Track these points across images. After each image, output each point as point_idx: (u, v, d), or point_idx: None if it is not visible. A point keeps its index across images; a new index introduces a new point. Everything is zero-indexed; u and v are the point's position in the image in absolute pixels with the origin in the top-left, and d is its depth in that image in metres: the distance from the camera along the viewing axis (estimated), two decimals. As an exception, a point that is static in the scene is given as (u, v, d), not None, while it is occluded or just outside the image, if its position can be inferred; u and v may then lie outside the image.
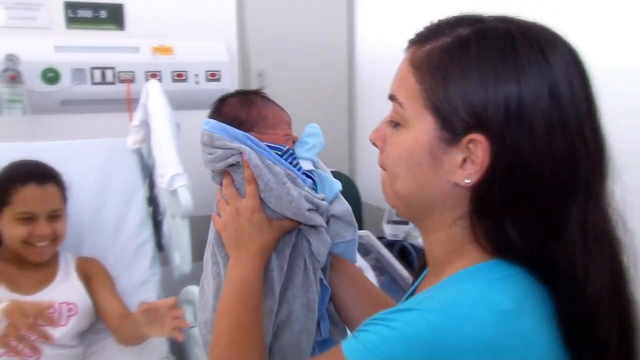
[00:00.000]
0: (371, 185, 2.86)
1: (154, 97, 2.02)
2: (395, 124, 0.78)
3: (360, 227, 2.60)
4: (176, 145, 1.94)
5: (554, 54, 0.70)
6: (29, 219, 1.67)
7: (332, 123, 3.03)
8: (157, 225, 2.12)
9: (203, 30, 2.65)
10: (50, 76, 2.36)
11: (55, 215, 1.71)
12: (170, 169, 1.85)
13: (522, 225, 0.69)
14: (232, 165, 0.98)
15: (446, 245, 0.77)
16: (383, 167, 0.81)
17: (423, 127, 0.73)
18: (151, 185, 2.17)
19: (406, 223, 2.56)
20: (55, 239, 1.72)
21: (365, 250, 2.14)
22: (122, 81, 2.48)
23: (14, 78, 2.23)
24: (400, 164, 0.77)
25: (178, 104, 2.06)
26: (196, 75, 2.59)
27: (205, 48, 2.64)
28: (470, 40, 0.71)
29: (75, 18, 2.44)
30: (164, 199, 2.01)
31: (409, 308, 0.68)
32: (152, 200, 2.15)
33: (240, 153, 0.96)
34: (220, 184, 1.01)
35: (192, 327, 1.82)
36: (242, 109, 1.05)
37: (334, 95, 3.06)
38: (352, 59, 3.07)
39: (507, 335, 0.64)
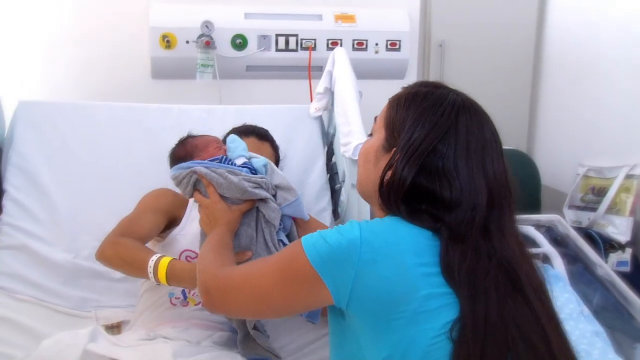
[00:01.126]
0: (552, 167, 2.69)
1: (340, 64, 2.02)
2: (370, 134, 1.19)
3: (538, 211, 2.46)
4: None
5: (463, 119, 1.05)
6: None
7: (513, 98, 2.88)
8: (334, 193, 2.13)
9: (386, -2, 2.62)
10: (239, 42, 2.45)
11: None
12: (354, 138, 1.83)
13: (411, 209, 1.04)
14: (195, 184, 1.48)
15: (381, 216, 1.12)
16: None
17: (379, 136, 1.13)
18: (329, 153, 2.19)
19: (592, 210, 2.38)
20: None
21: (554, 236, 2.00)
22: (304, 48, 2.52)
23: (208, 44, 2.34)
24: (360, 159, 1.19)
25: (357, 72, 2.05)
26: (376, 44, 2.57)
27: (386, 16, 2.60)
28: (420, 95, 1.10)
29: (265, -14, 2.51)
30: (343, 168, 2.01)
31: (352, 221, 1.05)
32: (331, 168, 2.17)
33: (194, 173, 1.46)
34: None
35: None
36: (180, 149, 1.64)
37: (518, 68, 2.90)
38: (541, 31, 2.87)
39: (389, 232, 1.01)
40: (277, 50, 2.50)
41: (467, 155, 1.04)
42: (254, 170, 1.50)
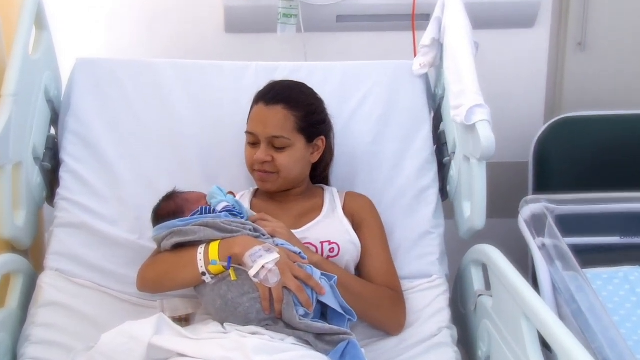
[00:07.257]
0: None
1: (452, 9, 1.90)
2: None
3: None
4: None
5: None
6: (254, 143, 1.74)
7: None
8: (441, 167, 2.01)
9: None
10: (328, -13, 2.37)
11: (279, 145, 1.72)
12: (469, 99, 1.71)
13: None
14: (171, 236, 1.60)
15: None
16: None
17: None
18: (437, 118, 2.07)
19: None
20: (278, 171, 1.73)
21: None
22: (406, -7, 2.39)
23: (291, -11, 2.29)
24: None
25: (473, 20, 1.92)
26: (499, -17, 2.41)
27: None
28: None
29: None
30: (454, 136, 1.88)
31: None
32: (439, 137, 2.04)
33: (172, 232, 1.59)
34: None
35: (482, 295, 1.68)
36: (167, 203, 1.68)
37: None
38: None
39: None
40: (375, -4, 2.40)
41: None
42: (237, 212, 1.63)
